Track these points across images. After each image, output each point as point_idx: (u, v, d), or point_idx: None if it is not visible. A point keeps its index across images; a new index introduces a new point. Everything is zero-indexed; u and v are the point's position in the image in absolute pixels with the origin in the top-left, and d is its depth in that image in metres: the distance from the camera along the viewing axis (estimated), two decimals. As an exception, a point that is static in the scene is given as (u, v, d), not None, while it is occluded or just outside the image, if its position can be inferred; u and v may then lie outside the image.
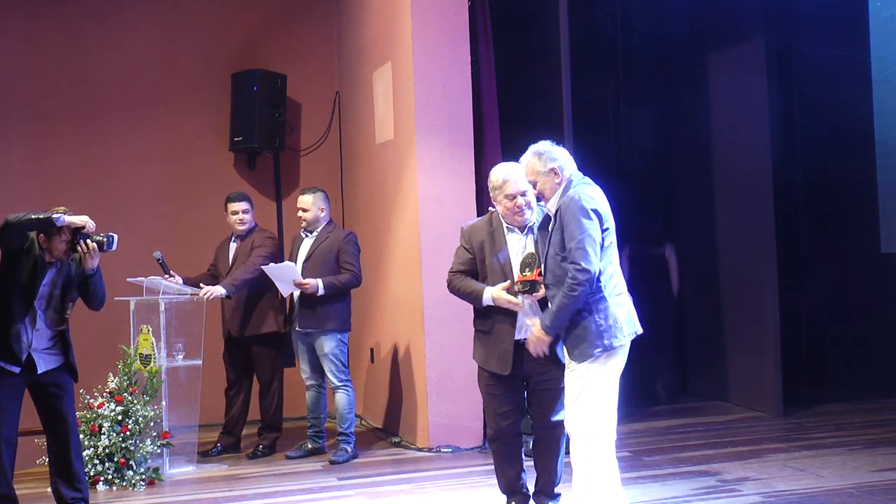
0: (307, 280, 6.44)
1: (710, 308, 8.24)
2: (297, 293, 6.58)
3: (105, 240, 5.00)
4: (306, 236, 6.70)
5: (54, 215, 4.82)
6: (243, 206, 6.86)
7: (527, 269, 4.51)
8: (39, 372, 4.96)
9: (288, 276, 6.47)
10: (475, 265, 4.75)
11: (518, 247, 4.67)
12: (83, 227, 4.92)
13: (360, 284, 6.73)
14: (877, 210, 7.37)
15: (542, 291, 4.50)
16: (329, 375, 6.60)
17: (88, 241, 4.94)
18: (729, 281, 8.07)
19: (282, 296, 6.75)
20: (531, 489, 4.91)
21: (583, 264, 4.27)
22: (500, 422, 4.79)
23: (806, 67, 8.95)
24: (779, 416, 7.46)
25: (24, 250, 4.87)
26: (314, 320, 6.54)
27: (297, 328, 6.60)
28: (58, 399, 5.05)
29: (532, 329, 4.51)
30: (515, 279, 4.57)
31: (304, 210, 6.68)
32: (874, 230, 7.46)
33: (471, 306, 6.93)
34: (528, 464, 4.97)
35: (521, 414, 4.85)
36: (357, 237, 6.78)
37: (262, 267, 6.56)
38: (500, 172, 4.68)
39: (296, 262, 6.62)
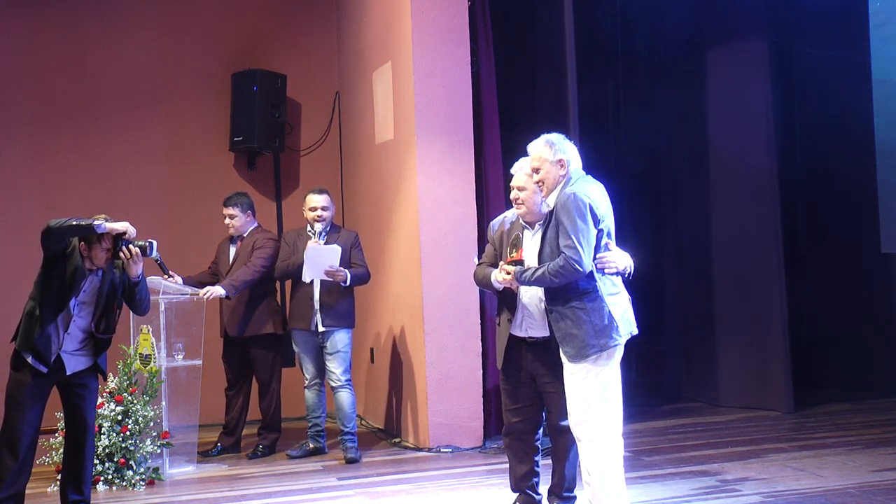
0: (340, 269, 6.45)
1: (711, 308, 8.22)
2: (317, 295, 6.55)
3: (147, 244, 5.03)
4: (312, 236, 6.67)
5: (95, 222, 4.84)
6: (230, 210, 6.82)
7: (513, 251, 4.61)
8: (69, 373, 5.01)
9: (325, 262, 6.42)
10: (497, 259, 4.81)
11: (530, 241, 4.67)
12: (124, 233, 4.94)
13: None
14: (877, 210, 7.36)
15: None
16: (334, 373, 6.58)
17: (131, 246, 4.95)
18: (729, 280, 8.06)
19: (279, 297, 6.72)
20: (537, 490, 4.89)
21: (577, 267, 4.29)
22: (511, 418, 4.80)
23: (806, 67, 8.94)
24: (790, 414, 7.46)
25: (65, 255, 4.90)
26: (335, 318, 6.55)
27: (319, 328, 6.55)
28: (80, 399, 5.09)
29: (506, 270, 4.53)
30: (506, 260, 4.63)
31: (325, 209, 6.66)
32: (874, 230, 7.45)
33: (471, 307, 6.93)
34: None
35: (535, 412, 4.79)
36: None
37: (309, 244, 6.50)
38: (516, 163, 4.78)
39: (302, 262, 6.57)
